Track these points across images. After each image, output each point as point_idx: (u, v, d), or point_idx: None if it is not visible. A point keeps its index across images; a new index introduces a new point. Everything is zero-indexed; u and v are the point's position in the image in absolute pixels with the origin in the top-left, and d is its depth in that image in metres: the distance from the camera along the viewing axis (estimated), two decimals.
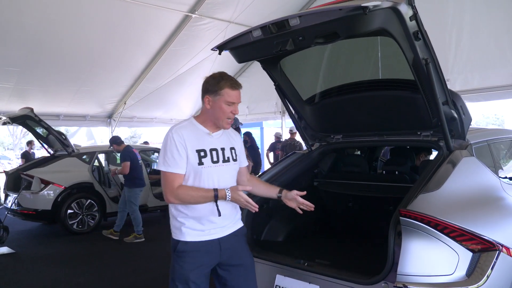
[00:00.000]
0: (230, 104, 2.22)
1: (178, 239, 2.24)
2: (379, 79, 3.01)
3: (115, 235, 6.75)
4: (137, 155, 6.78)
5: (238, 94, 2.25)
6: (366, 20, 2.06)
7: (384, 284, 2.07)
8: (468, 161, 2.53)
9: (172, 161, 2.17)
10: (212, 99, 2.23)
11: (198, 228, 2.22)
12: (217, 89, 2.21)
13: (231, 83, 2.23)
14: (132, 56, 10.12)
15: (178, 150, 2.17)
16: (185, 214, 2.23)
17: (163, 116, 13.53)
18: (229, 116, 2.24)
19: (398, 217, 2.07)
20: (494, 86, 8.19)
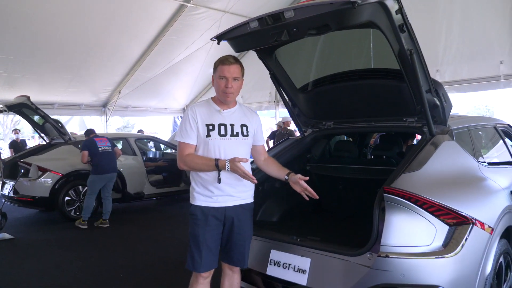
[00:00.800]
0: (223, 77, 2.49)
1: (191, 202, 2.57)
2: (368, 68, 3.20)
3: (105, 223, 6.77)
4: (98, 143, 6.75)
5: (229, 68, 2.48)
6: (355, 13, 2.24)
7: (369, 254, 2.27)
8: (448, 145, 2.73)
9: (185, 133, 2.52)
10: (213, 77, 2.58)
11: (207, 194, 2.51)
12: (215, 67, 2.55)
13: (223, 59, 2.51)
14: (127, 45, 10.19)
15: (191, 124, 2.51)
16: (197, 180, 2.55)
17: (157, 105, 13.64)
18: (223, 90, 2.49)
19: (382, 194, 2.27)
20: (482, 77, 8.44)
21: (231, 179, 2.51)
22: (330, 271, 2.42)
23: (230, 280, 2.69)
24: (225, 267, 2.69)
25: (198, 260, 2.50)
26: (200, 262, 2.50)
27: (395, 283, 2.16)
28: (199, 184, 2.54)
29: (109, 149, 6.85)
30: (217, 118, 2.54)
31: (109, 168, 6.79)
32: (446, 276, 2.14)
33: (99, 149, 6.73)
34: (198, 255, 2.50)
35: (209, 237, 2.51)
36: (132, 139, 8.46)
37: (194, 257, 2.51)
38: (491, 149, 3.53)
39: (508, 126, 3.95)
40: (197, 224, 2.51)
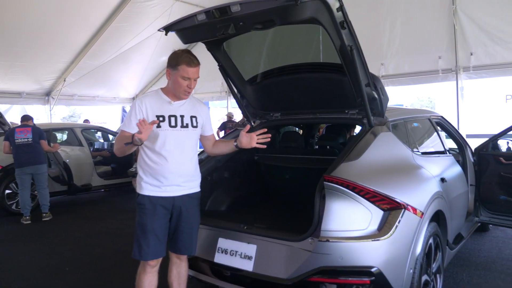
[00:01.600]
0: (186, 79, 2.48)
1: (138, 192, 2.56)
2: (313, 62, 3.32)
3: (46, 216, 6.54)
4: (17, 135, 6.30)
5: (194, 70, 2.49)
6: (298, 10, 2.34)
7: (310, 239, 2.40)
8: (385, 136, 2.92)
9: (128, 122, 2.51)
10: (171, 73, 2.52)
11: (155, 184, 2.53)
12: (175, 64, 2.48)
13: (188, 61, 2.46)
14: (72, 31, 9.77)
15: (136, 114, 2.49)
16: (146, 170, 2.54)
17: (105, 95, 13.23)
18: (185, 89, 2.51)
19: (322, 182, 2.40)
20: (422, 71, 8.93)
21: (180, 169, 2.55)
22: (275, 257, 2.53)
23: (178, 269, 2.74)
24: (173, 256, 2.73)
25: (146, 248, 2.51)
26: (148, 250, 2.52)
27: (335, 265, 2.31)
28: (147, 174, 2.54)
29: (27, 141, 6.34)
30: (167, 110, 2.55)
31: (27, 161, 6.30)
32: (380, 257, 2.32)
33: (16, 141, 6.30)
34: (146, 244, 2.51)
35: (156, 226, 2.53)
36: (78, 129, 8.19)
37: (141, 246, 2.52)
38: (425, 140, 3.79)
39: (441, 118, 4.25)
40: (145, 213, 2.52)
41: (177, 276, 2.73)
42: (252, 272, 2.57)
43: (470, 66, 8.18)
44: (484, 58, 8.05)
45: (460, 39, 8.26)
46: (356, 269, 2.30)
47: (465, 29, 8.19)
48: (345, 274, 2.32)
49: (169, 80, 2.55)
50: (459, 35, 8.26)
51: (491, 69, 8.04)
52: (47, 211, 6.57)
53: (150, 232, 2.51)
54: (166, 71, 2.55)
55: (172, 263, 2.75)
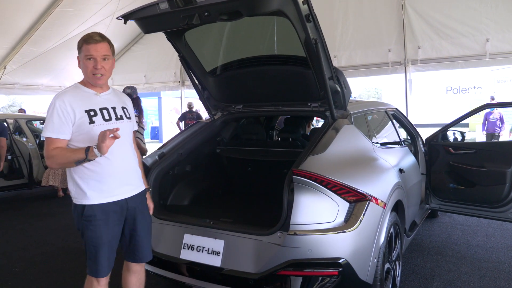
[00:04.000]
0: (90, 57, 2.22)
1: (83, 203, 2.24)
2: (276, 54, 3.31)
3: None
4: None
5: (96, 47, 2.21)
6: (265, 2, 2.33)
7: (279, 233, 2.40)
8: (348, 129, 2.97)
9: (51, 126, 2.17)
10: (79, 58, 2.29)
11: (103, 189, 2.25)
12: (79, 46, 2.26)
13: (87, 37, 2.24)
14: (13, 15, 9.10)
15: (59, 115, 2.17)
16: (87, 176, 2.23)
17: (50, 83, 12.50)
18: (92, 71, 2.24)
19: (291, 176, 2.41)
20: (373, 63, 9.21)
21: (125, 166, 2.33)
22: (243, 251, 2.51)
23: (139, 276, 2.55)
24: (133, 265, 2.51)
25: (104, 263, 2.27)
26: (106, 264, 2.29)
27: (303, 258, 2.34)
28: (89, 180, 2.22)
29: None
30: (96, 103, 2.28)
31: None
32: (347, 248, 2.37)
33: None
34: (103, 259, 2.27)
35: (111, 237, 2.29)
36: (22, 121, 7.70)
37: (98, 262, 2.26)
38: (383, 132, 3.92)
39: (396, 110, 4.41)
40: (97, 225, 2.23)
41: (137, 284, 2.56)
42: (220, 268, 2.54)
43: (418, 59, 8.54)
44: (430, 52, 8.43)
45: (409, 33, 8.59)
46: (325, 261, 2.34)
47: (413, 23, 8.53)
48: (314, 266, 2.35)
49: (80, 67, 2.28)
50: (408, 29, 8.59)
51: (437, 62, 8.43)
52: None
53: (105, 246, 2.26)
54: (77, 58, 2.30)
55: (131, 272, 2.52)
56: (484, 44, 7.79)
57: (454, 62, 8.22)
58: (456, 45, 8.07)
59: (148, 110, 20.77)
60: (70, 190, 2.31)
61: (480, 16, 7.79)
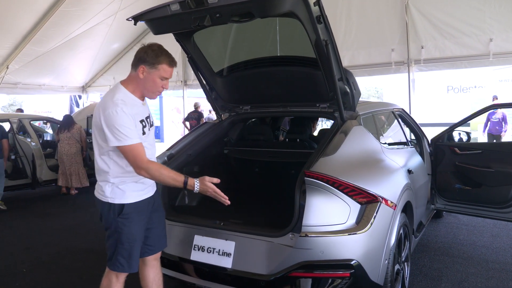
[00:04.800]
0: (164, 79, 2.32)
1: (121, 202, 2.32)
2: (284, 55, 3.31)
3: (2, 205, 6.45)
4: None
5: (172, 71, 2.33)
6: (277, 3, 2.33)
7: (291, 235, 2.40)
8: (357, 130, 2.97)
9: (131, 132, 2.20)
10: (147, 70, 2.27)
11: (139, 188, 2.39)
12: (155, 62, 2.25)
13: (170, 60, 2.30)
14: (15, 15, 9.04)
15: (131, 122, 2.22)
16: (123, 178, 2.32)
17: (52, 83, 12.49)
18: (159, 90, 2.35)
19: (303, 177, 2.41)
20: (376, 63, 9.20)
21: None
22: (255, 253, 2.52)
23: (155, 271, 2.61)
24: (150, 259, 2.57)
25: (136, 259, 2.40)
26: (137, 260, 2.41)
27: (315, 259, 2.34)
28: (128, 181, 2.33)
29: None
30: (142, 112, 2.39)
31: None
32: (359, 250, 2.37)
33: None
34: (136, 254, 2.38)
35: (141, 232, 2.41)
36: (26, 120, 7.69)
37: (133, 257, 2.37)
38: (391, 132, 3.92)
39: (402, 110, 4.41)
40: (132, 222, 2.33)
41: (156, 279, 2.60)
42: (232, 269, 2.54)
43: (421, 59, 8.52)
44: (434, 52, 8.41)
45: (412, 33, 8.57)
46: (337, 262, 2.34)
47: (417, 23, 8.52)
48: (326, 268, 2.35)
49: (141, 78, 2.28)
50: (411, 29, 8.57)
51: (440, 62, 8.41)
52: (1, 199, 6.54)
53: (138, 241, 2.39)
54: (140, 67, 2.26)
55: (149, 267, 2.58)
56: (487, 43, 7.77)
57: (457, 62, 8.20)
58: (460, 45, 8.05)
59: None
60: (104, 191, 2.33)
61: (483, 16, 7.77)
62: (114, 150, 2.27)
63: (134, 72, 2.31)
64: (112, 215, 2.33)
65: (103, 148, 2.28)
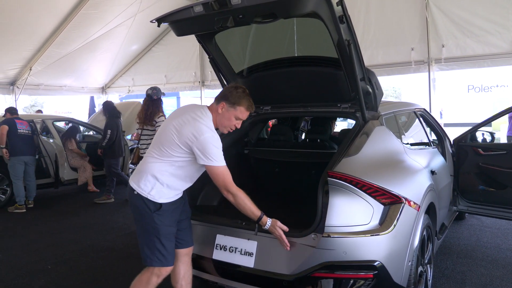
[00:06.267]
0: (239, 119, 2.54)
1: (159, 201, 2.47)
2: (305, 55, 3.30)
3: (20, 208, 6.56)
4: (18, 125, 6.60)
5: (247, 115, 2.55)
6: (300, 4, 2.32)
7: (313, 235, 2.40)
8: (379, 130, 2.95)
9: (221, 155, 2.45)
10: (226, 108, 2.49)
11: (176, 193, 2.57)
12: (235, 103, 2.49)
13: (249, 104, 2.52)
14: (38, 18, 9.26)
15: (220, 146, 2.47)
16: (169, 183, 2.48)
17: (73, 84, 12.74)
18: (231, 127, 2.57)
19: (326, 178, 2.40)
20: (395, 63, 9.09)
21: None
22: (276, 253, 2.52)
23: (186, 267, 2.71)
24: (182, 254, 2.68)
25: (172, 253, 2.54)
26: (173, 255, 2.55)
27: (338, 260, 2.33)
28: (170, 186, 2.50)
29: (28, 132, 6.69)
30: None
31: (26, 150, 6.60)
32: (382, 251, 2.35)
33: (18, 131, 6.54)
34: (169, 249, 2.51)
35: (174, 228, 2.57)
36: (49, 121, 7.86)
37: (168, 251, 2.50)
38: (413, 133, 3.88)
39: (424, 110, 4.35)
40: (168, 218, 2.50)
41: (186, 275, 2.70)
42: (254, 268, 2.56)
43: (442, 58, 8.39)
44: (455, 50, 8.27)
45: (432, 31, 8.45)
46: (360, 263, 2.33)
47: (437, 21, 8.39)
48: (348, 269, 2.34)
49: (219, 113, 2.50)
50: (431, 27, 8.45)
51: (461, 61, 8.27)
52: (32, 199, 6.83)
53: (172, 236, 2.54)
54: (221, 104, 2.49)
55: (180, 263, 2.68)
56: (511, 41, 7.61)
57: (479, 61, 8.05)
58: (482, 43, 7.89)
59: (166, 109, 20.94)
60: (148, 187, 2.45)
61: (507, 13, 7.60)
62: (184, 165, 2.47)
63: (215, 105, 2.53)
64: (148, 210, 2.45)
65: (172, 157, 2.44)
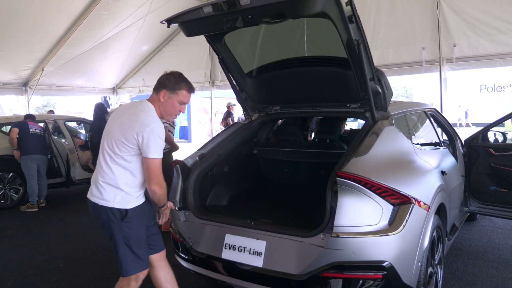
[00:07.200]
0: (182, 103, 2.54)
1: (126, 208, 2.47)
2: (313, 55, 3.30)
3: (32, 207, 6.68)
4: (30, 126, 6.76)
5: (190, 98, 2.57)
6: (309, 4, 2.32)
7: (322, 235, 2.40)
8: (389, 130, 2.93)
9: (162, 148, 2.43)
10: (167, 95, 2.49)
11: (138, 195, 2.53)
12: (176, 88, 2.48)
13: (189, 87, 2.54)
14: (51, 19, 9.38)
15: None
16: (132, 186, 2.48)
17: (85, 85, 12.88)
18: (176, 113, 2.57)
19: (335, 178, 2.40)
20: (406, 62, 9.02)
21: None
22: (286, 252, 2.52)
23: (165, 270, 2.72)
24: (156, 260, 2.69)
25: (145, 258, 2.55)
26: (146, 258, 2.56)
27: (347, 260, 2.32)
28: (135, 188, 2.49)
29: (40, 132, 6.83)
30: None
31: (37, 149, 6.69)
32: (391, 252, 2.34)
33: (30, 131, 6.68)
34: (143, 254, 2.53)
35: (145, 232, 2.57)
36: (61, 121, 7.96)
37: (140, 257, 2.51)
38: (423, 133, 3.85)
39: (434, 110, 4.32)
40: (137, 224, 2.50)
41: (167, 278, 2.71)
42: (262, 268, 2.56)
43: (453, 58, 8.30)
44: (467, 50, 8.18)
45: (444, 30, 8.36)
46: (369, 263, 2.32)
47: (449, 20, 8.30)
48: (357, 269, 2.34)
49: (162, 102, 2.49)
50: (443, 26, 8.36)
51: (473, 60, 8.16)
52: (43, 199, 6.94)
53: (143, 241, 2.54)
54: (161, 92, 2.48)
55: (157, 269, 2.70)
56: None
57: (492, 60, 7.94)
58: (494, 42, 7.79)
59: None
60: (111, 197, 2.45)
61: None
62: (134, 161, 2.43)
63: (155, 95, 2.51)
64: (115, 220, 2.45)
65: (122, 158, 2.42)
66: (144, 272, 2.56)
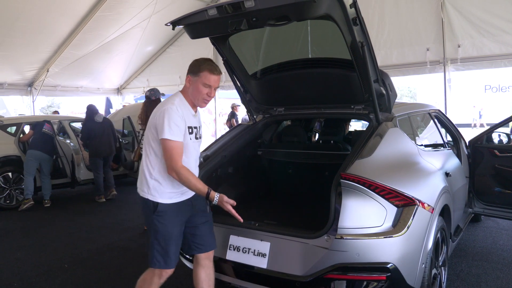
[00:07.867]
0: (207, 86, 2.46)
1: (157, 201, 2.47)
2: (317, 57, 3.31)
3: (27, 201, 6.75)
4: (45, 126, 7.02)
5: (216, 78, 2.48)
6: (314, 6, 2.32)
7: (326, 237, 2.41)
8: (393, 132, 2.94)
9: (178, 131, 2.39)
10: (192, 79, 2.49)
11: (176, 191, 2.51)
12: (197, 70, 2.46)
13: (211, 67, 2.46)
14: (55, 20, 9.46)
15: (180, 122, 2.42)
16: (167, 181, 2.48)
17: (89, 85, 12.94)
18: (204, 97, 2.50)
19: (339, 179, 2.41)
20: (410, 63, 9.01)
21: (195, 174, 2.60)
22: (290, 254, 2.54)
23: (207, 271, 2.68)
24: (201, 258, 2.67)
25: (173, 256, 2.52)
26: (174, 258, 2.53)
27: (351, 262, 2.33)
28: (167, 182, 2.48)
29: (51, 133, 7.02)
30: (192, 121, 2.55)
31: (41, 147, 6.81)
32: (395, 253, 2.35)
33: (42, 130, 6.92)
34: (172, 251, 2.51)
35: (177, 233, 2.53)
36: (66, 122, 8.01)
37: (168, 254, 2.49)
38: (427, 134, 3.85)
39: (438, 111, 4.31)
40: (166, 220, 2.48)
41: (206, 279, 2.67)
42: (267, 269, 2.58)
43: (458, 58, 8.29)
44: (471, 50, 8.17)
45: (448, 31, 8.35)
46: (373, 265, 2.33)
47: (453, 21, 8.29)
48: (361, 271, 2.35)
49: (188, 87, 2.51)
50: (447, 27, 8.35)
51: (478, 61, 8.16)
52: (48, 198, 7.02)
53: (173, 239, 2.51)
54: (187, 77, 2.51)
55: (200, 267, 2.67)
56: None
57: (496, 61, 7.93)
58: (499, 42, 7.77)
59: None
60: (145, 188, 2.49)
61: None
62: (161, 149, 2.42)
63: (185, 83, 2.53)
64: (149, 212, 2.48)
65: (152, 147, 2.47)
66: (168, 271, 2.55)
